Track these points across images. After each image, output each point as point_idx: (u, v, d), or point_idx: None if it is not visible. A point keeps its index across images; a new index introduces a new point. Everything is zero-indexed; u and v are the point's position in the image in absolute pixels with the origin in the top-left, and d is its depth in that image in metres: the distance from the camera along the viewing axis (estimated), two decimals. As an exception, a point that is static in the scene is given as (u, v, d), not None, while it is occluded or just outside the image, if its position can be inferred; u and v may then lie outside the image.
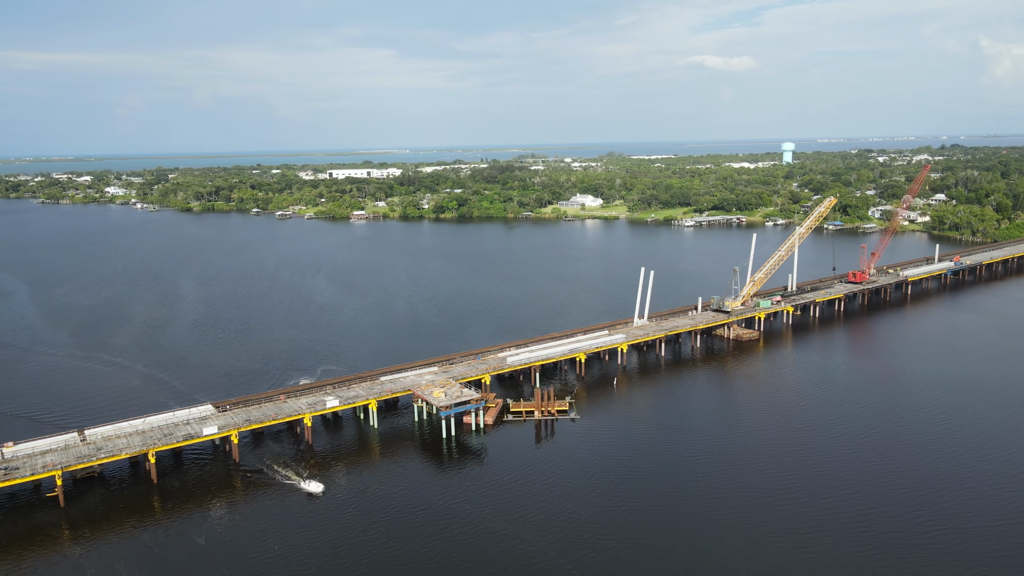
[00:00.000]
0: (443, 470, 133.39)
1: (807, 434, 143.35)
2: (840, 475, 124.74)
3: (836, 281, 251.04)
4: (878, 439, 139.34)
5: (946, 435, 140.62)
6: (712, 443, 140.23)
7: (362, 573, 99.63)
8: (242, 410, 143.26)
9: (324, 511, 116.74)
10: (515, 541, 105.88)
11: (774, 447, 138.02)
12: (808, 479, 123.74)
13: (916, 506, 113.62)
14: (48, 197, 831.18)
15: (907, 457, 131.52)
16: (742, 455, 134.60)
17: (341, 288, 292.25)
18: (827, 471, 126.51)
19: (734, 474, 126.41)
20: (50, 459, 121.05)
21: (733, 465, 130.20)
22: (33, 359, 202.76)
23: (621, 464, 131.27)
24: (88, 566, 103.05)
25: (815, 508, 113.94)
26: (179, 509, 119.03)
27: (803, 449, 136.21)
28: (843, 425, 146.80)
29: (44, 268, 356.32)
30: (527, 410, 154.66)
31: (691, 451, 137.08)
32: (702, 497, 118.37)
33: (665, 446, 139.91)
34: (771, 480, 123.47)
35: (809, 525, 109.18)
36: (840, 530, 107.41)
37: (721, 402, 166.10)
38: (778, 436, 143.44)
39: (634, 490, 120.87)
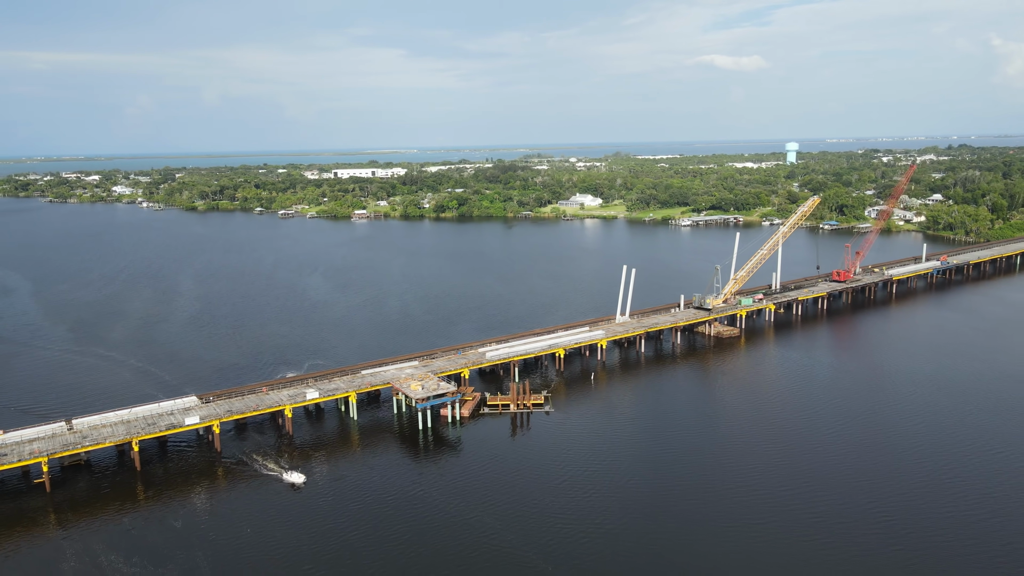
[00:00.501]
0: (419, 460, 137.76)
1: (779, 427, 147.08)
2: (810, 468, 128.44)
3: (820, 280, 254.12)
4: (852, 433, 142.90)
5: (918, 430, 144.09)
6: (684, 437, 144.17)
7: (333, 558, 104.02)
8: (225, 401, 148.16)
9: (298, 498, 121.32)
10: (482, 529, 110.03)
11: (746, 441, 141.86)
12: (775, 471, 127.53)
13: (890, 500, 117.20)
14: (56, 196, 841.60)
15: (880, 452, 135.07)
16: (713, 448, 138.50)
17: (336, 286, 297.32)
18: (796, 464, 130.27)
19: (703, 467, 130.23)
20: (37, 446, 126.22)
21: (703, 458, 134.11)
22: (30, 353, 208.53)
23: (591, 456, 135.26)
24: (68, 548, 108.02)
25: (779, 499, 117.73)
26: (160, 495, 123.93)
27: (775, 442, 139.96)
28: (816, 419, 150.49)
29: (48, 266, 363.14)
30: (503, 403, 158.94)
31: (662, 444, 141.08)
32: (669, 489, 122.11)
33: (636, 439, 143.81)
34: (740, 473, 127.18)
35: (772, 515, 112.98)
36: (810, 523, 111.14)
37: (696, 397, 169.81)
38: (751, 430, 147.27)
39: (602, 481, 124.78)
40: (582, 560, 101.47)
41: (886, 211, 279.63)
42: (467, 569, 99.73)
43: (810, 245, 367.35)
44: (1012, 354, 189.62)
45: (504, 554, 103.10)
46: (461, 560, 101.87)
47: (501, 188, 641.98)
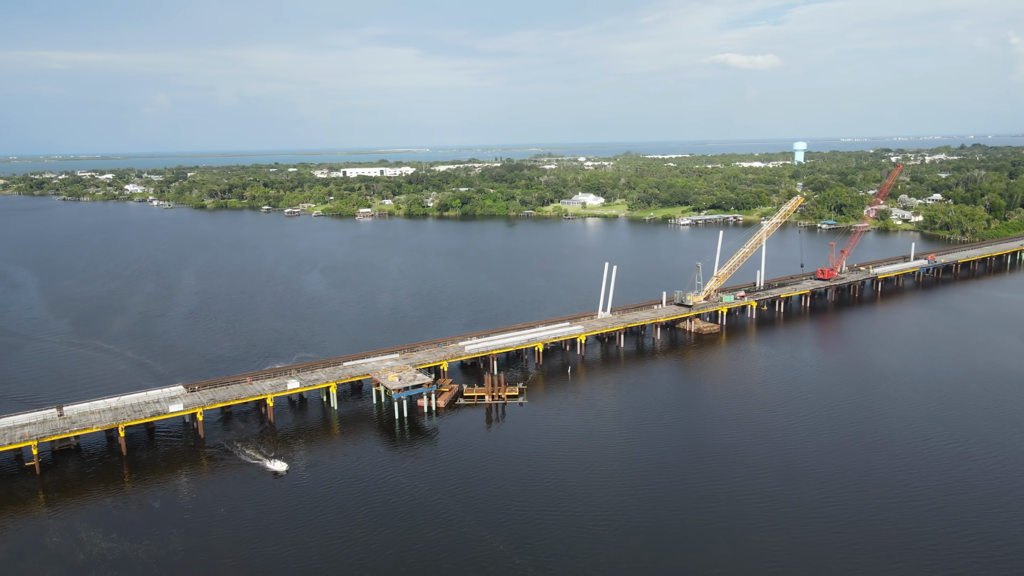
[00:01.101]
0: (394, 449, 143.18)
1: (751, 419, 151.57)
2: (781, 459, 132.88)
3: (804, 278, 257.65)
4: (824, 426, 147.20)
5: (878, 422, 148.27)
6: (654, 428, 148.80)
7: (303, 538, 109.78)
8: (210, 391, 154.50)
9: (275, 483, 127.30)
10: (447, 514, 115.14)
11: (718, 432, 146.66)
12: (744, 461, 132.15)
13: (858, 492, 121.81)
14: (69, 194, 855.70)
15: (848, 444, 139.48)
16: (682, 439, 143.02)
17: (332, 282, 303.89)
18: (766, 454, 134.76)
19: (670, 456, 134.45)
20: (28, 431, 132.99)
21: (671, 448, 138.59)
22: (31, 345, 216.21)
23: (559, 445, 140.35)
24: (52, 525, 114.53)
25: (745, 488, 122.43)
26: (142, 479, 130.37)
27: (745, 433, 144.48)
28: (790, 412, 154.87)
29: (55, 262, 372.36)
30: (479, 395, 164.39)
31: (630, 435, 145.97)
32: (635, 478, 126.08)
33: (605, 430, 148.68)
34: (708, 463, 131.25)
35: (739, 504, 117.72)
36: (779, 513, 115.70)
37: (670, 390, 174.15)
38: (723, 422, 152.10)
39: (568, 470, 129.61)
40: (541, 545, 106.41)
41: (870, 211, 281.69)
42: (431, 553, 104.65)
43: (794, 243, 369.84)
44: (984, 350, 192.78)
45: (465, 538, 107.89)
46: (427, 544, 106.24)
47: (505, 187, 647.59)
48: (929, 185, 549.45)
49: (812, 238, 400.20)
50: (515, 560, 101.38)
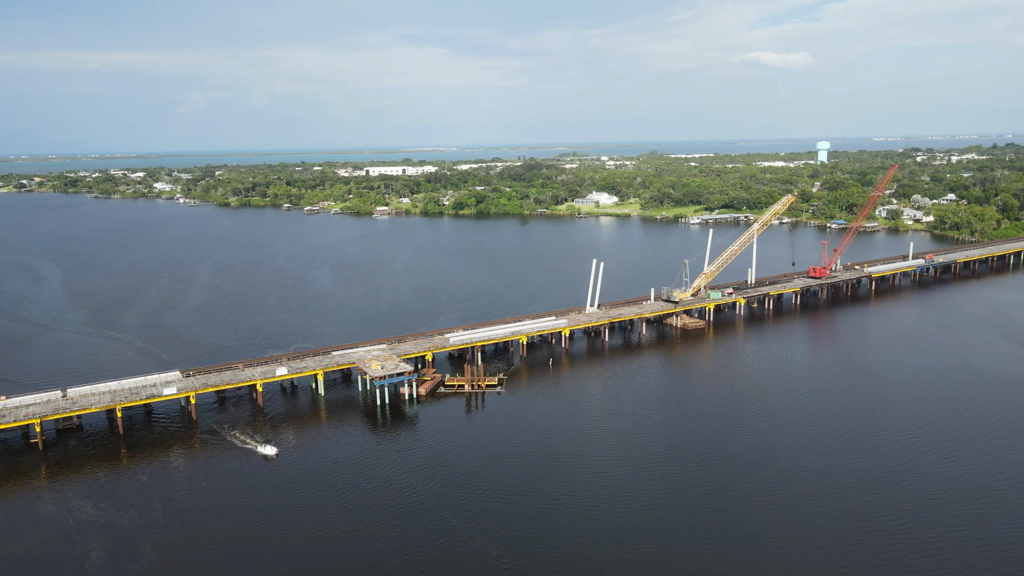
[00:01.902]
0: (374, 433, 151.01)
1: (724, 412, 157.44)
2: (749, 450, 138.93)
3: (796, 276, 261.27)
4: (796, 419, 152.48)
5: (848, 416, 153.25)
6: (626, 418, 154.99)
7: (276, 512, 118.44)
8: (203, 376, 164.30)
9: (256, 461, 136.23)
10: (418, 497, 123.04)
11: (690, 423, 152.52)
12: (713, 450, 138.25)
13: (837, 487, 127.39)
14: (101, 192, 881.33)
15: (813, 437, 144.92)
16: (655, 430, 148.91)
17: (339, 278, 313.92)
18: (732, 445, 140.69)
19: (638, 447, 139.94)
20: (32, 410, 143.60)
21: (641, 438, 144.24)
22: (48, 334, 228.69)
23: (529, 432, 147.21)
24: (48, 495, 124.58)
25: (710, 477, 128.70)
26: (135, 455, 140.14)
27: (717, 424, 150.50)
28: (766, 406, 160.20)
29: (80, 256, 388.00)
30: (459, 384, 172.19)
31: (599, 425, 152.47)
32: (600, 465, 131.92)
33: (577, 418, 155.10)
34: (676, 453, 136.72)
35: (702, 491, 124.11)
36: (747, 501, 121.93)
37: (647, 383, 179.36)
38: (695, 413, 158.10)
39: (536, 455, 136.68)
40: (496, 524, 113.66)
41: (864, 210, 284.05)
42: (401, 532, 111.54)
43: (801, 243, 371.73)
44: (964, 348, 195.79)
45: (431, 518, 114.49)
46: (399, 525, 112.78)
47: (522, 186, 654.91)
48: (947, 185, 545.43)
49: (821, 237, 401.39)
50: (475, 540, 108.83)
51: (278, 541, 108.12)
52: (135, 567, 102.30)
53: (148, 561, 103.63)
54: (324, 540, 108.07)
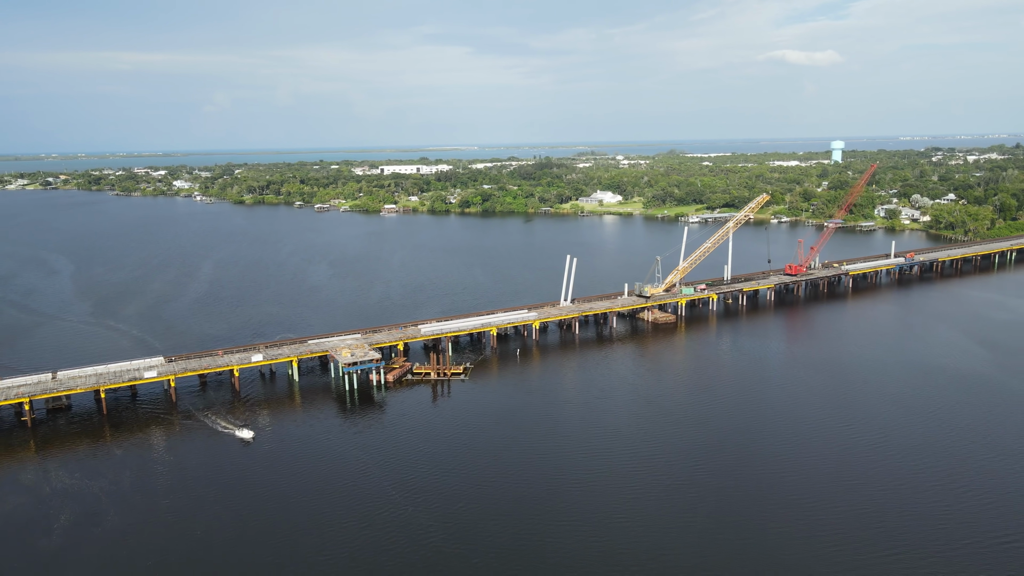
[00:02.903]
0: (343, 418, 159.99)
1: (683, 402, 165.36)
2: (701, 441, 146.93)
3: (772, 274, 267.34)
4: (744, 409, 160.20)
5: (796, 408, 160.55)
6: (574, 408, 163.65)
7: (234, 483, 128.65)
8: (184, 361, 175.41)
9: (227, 441, 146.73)
10: (369, 474, 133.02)
11: (645, 411, 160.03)
12: (665, 441, 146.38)
13: (780, 480, 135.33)
14: (122, 190, 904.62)
15: (764, 428, 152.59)
16: (605, 417, 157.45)
17: (335, 273, 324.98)
18: (684, 436, 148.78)
19: (587, 434, 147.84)
20: (22, 390, 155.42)
21: (592, 426, 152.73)
22: (52, 323, 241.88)
23: (487, 418, 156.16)
24: (30, 466, 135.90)
25: (660, 468, 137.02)
26: (115, 433, 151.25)
27: (672, 414, 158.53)
28: (722, 397, 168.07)
29: (93, 251, 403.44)
30: (426, 372, 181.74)
31: (552, 412, 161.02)
32: (554, 452, 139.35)
33: (531, 406, 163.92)
34: (631, 442, 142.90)
35: (648, 480, 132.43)
36: (686, 487, 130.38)
37: (609, 374, 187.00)
38: (652, 402, 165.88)
39: (489, 439, 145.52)
40: (438, 502, 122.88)
41: (841, 210, 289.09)
42: (356, 513, 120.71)
43: (792, 241, 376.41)
44: (920, 343, 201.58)
45: (377, 496, 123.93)
46: (356, 506, 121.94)
47: (530, 185, 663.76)
48: (952, 185, 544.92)
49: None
50: (417, 517, 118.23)
51: (237, 511, 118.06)
52: (98, 528, 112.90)
53: (111, 524, 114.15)
54: (281, 515, 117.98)
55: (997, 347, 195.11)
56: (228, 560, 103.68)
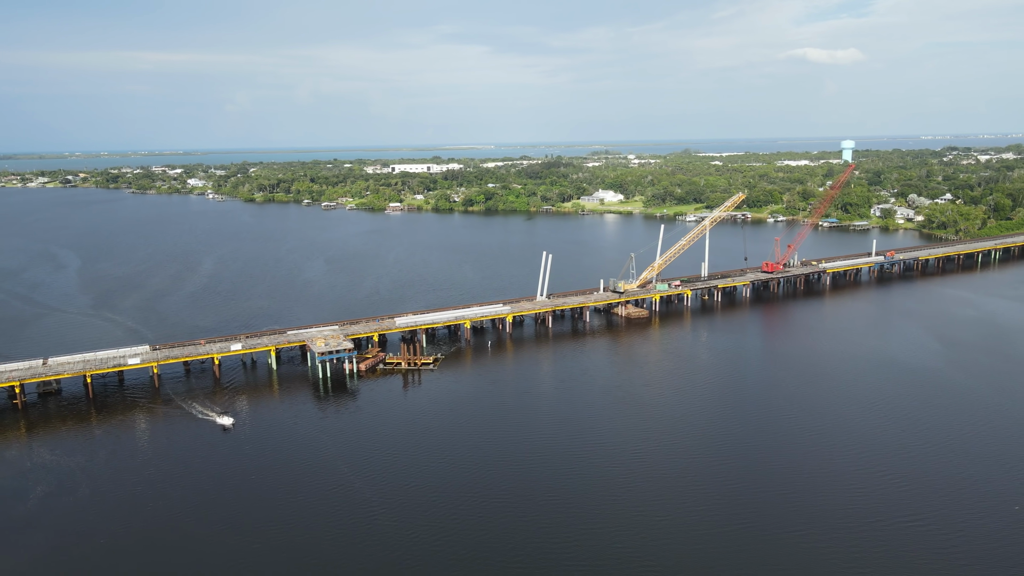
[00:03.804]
0: (316, 404, 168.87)
1: (646, 393, 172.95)
2: (666, 432, 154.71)
3: (748, 271, 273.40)
4: (707, 401, 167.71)
5: (747, 398, 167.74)
6: (534, 397, 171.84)
7: (200, 462, 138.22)
8: (168, 350, 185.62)
9: (202, 423, 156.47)
10: (326, 453, 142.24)
11: (610, 402, 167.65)
12: (630, 434, 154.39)
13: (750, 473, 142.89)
14: (138, 188, 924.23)
15: (716, 419, 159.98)
16: (566, 408, 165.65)
17: (330, 269, 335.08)
18: (648, 426, 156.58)
19: (552, 422, 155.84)
20: (14, 374, 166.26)
21: (549, 417, 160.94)
22: (53, 315, 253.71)
23: (452, 405, 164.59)
24: (16, 444, 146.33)
25: (625, 459, 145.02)
26: (99, 415, 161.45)
27: (638, 407, 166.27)
28: (683, 388, 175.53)
29: (102, 247, 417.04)
30: (397, 362, 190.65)
31: (510, 403, 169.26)
32: (513, 439, 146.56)
33: (489, 395, 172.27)
34: (590, 432, 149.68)
35: (615, 475, 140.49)
36: (647, 479, 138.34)
37: (576, 366, 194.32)
38: (618, 394, 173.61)
39: (452, 425, 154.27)
40: (391, 483, 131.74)
41: (819, 209, 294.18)
42: (317, 500, 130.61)
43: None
44: (879, 338, 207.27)
45: (336, 479, 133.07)
46: (312, 489, 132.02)
47: (534, 184, 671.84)
48: (953, 185, 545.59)
49: (818, 235, 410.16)
50: (375, 502, 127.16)
51: (203, 487, 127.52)
52: (70, 498, 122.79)
53: (81, 494, 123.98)
54: (243, 491, 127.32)
55: (950, 342, 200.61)
56: (190, 531, 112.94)
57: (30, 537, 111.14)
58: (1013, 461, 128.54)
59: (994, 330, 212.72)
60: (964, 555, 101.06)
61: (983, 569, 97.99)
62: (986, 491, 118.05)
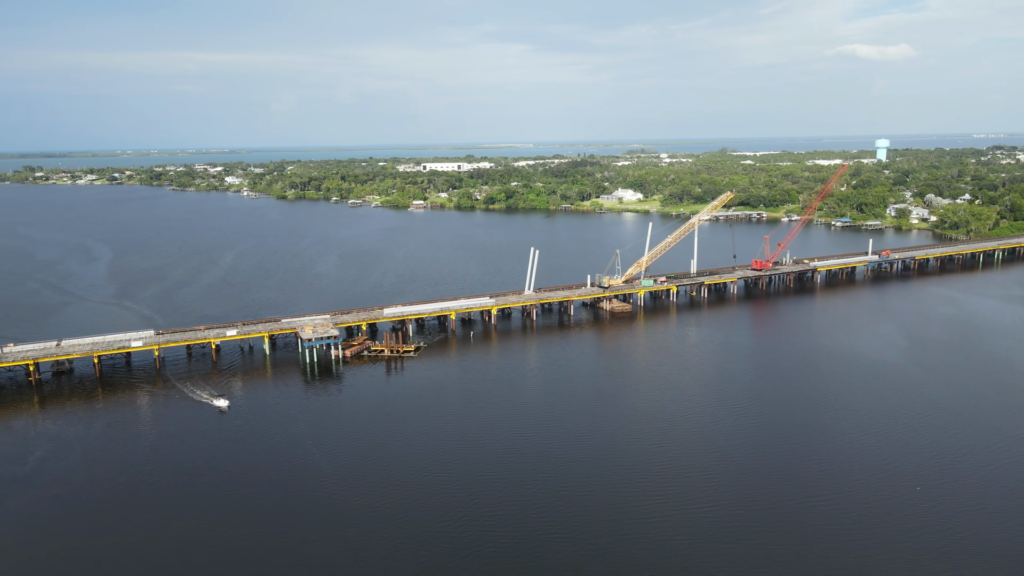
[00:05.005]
0: (304, 388, 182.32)
1: (619, 384, 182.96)
2: (635, 429, 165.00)
3: (737, 268, 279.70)
4: (678, 394, 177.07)
5: (705, 392, 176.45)
6: (502, 387, 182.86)
7: (182, 435, 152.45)
8: (169, 335, 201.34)
9: (195, 404, 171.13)
10: (298, 434, 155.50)
11: (580, 392, 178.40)
12: (598, 423, 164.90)
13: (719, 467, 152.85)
14: (179, 185, 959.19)
15: (680, 410, 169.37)
16: (536, 397, 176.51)
17: (342, 264, 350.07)
18: (617, 418, 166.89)
19: (514, 416, 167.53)
20: (29, 354, 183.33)
21: (520, 408, 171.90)
22: (78, 303, 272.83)
23: (426, 391, 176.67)
24: (24, 414, 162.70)
25: (590, 449, 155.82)
26: (104, 392, 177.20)
27: (610, 398, 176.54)
28: (656, 380, 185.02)
29: (134, 242, 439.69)
30: (380, 350, 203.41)
31: (484, 390, 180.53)
32: (478, 427, 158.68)
33: (462, 380, 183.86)
34: (555, 423, 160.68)
35: (577, 464, 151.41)
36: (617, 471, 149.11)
37: (555, 357, 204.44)
38: (590, 383, 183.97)
39: (423, 409, 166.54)
40: (353, 462, 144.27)
41: (811, 207, 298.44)
42: (277, 472, 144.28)
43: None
44: (849, 335, 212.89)
45: (302, 458, 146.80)
46: (296, 475, 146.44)
47: (557, 182, 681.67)
48: (977, 184, 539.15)
49: (827, 234, 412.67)
50: (330, 477, 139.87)
51: (185, 459, 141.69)
52: (64, 461, 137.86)
53: (76, 458, 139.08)
54: (222, 466, 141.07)
55: (917, 339, 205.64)
56: (168, 494, 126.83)
57: (25, 493, 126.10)
58: (923, 447, 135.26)
59: (965, 328, 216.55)
60: (865, 527, 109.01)
61: (884, 539, 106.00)
62: (896, 472, 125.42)
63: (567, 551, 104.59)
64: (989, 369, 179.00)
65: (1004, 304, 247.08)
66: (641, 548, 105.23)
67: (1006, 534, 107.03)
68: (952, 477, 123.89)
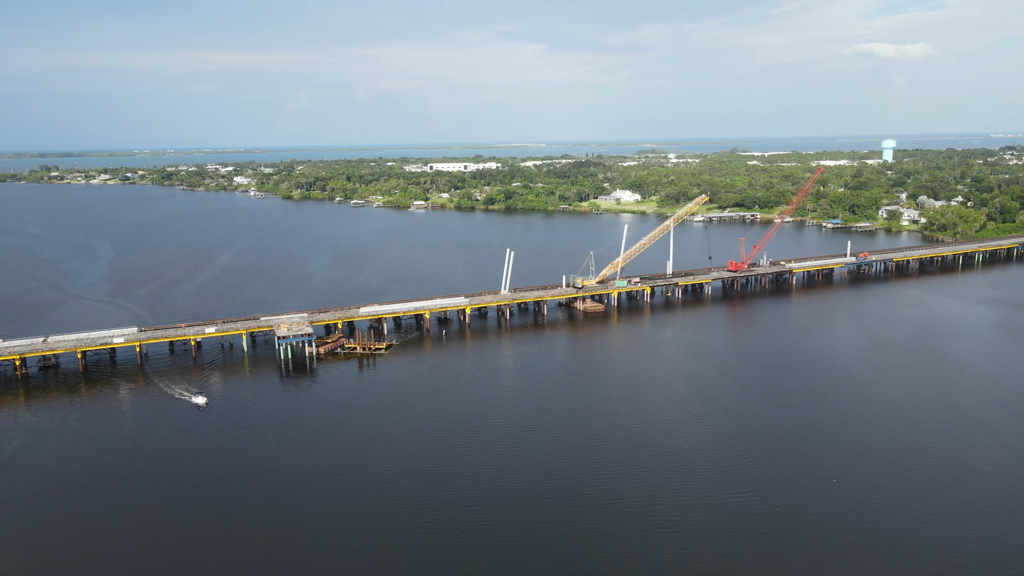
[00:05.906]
0: (279, 382, 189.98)
1: (590, 381, 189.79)
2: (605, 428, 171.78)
3: (713, 270, 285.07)
4: (650, 392, 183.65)
5: (665, 389, 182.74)
6: (471, 383, 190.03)
7: (159, 427, 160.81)
8: (151, 331, 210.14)
9: (175, 401, 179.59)
10: (261, 429, 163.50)
11: (550, 388, 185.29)
12: (567, 421, 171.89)
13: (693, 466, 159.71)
14: (188, 185, 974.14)
15: (643, 404, 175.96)
16: (502, 394, 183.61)
17: (332, 264, 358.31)
18: (592, 413, 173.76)
19: (478, 413, 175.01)
20: (16, 349, 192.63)
21: (487, 404, 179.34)
22: (73, 301, 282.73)
23: (393, 386, 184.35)
24: (8, 407, 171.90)
25: (560, 448, 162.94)
26: (86, 386, 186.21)
27: (579, 395, 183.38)
28: (628, 376, 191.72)
29: (136, 242, 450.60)
30: (353, 347, 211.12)
31: (447, 390, 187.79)
32: (437, 429, 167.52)
33: (428, 377, 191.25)
34: (521, 417, 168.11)
35: (547, 462, 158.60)
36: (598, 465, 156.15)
37: (527, 355, 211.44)
38: (561, 380, 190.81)
39: (389, 410, 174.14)
40: (315, 455, 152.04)
41: (787, 209, 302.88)
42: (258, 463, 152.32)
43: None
44: (809, 337, 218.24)
45: (264, 451, 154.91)
46: (266, 468, 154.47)
47: (557, 183, 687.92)
48: (974, 186, 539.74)
49: (818, 236, 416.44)
50: (285, 470, 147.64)
51: (154, 452, 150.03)
52: (38, 451, 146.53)
53: (49, 447, 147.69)
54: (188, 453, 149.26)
55: (876, 341, 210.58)
56: (134, 485, 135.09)
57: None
58: (848, 443, 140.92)
59: (926, 330, 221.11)
60: (778, 516, 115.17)
61: (799, 529, 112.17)
62: (810, 466, 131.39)
63: (536, 549, 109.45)
64: (938, 370, 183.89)
65: (971, 306, 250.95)
66: (613, 547, 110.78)
67: (918, 530, 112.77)
68: (872, 474, 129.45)
